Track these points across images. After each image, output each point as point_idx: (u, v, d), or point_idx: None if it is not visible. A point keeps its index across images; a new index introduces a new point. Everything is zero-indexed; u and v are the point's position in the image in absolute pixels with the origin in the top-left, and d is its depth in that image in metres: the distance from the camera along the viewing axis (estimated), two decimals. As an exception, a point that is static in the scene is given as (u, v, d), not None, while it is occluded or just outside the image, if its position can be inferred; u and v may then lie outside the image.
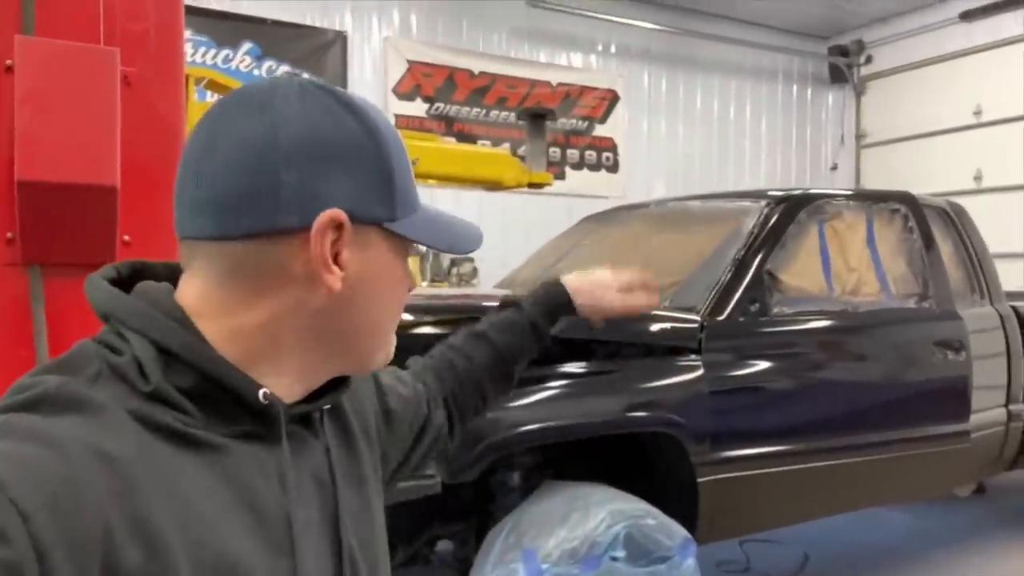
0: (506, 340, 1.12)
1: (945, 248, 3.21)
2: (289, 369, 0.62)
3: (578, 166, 7.62)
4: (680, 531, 2.12)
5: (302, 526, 0.60)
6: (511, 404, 2.14)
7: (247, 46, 6.29)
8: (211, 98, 3.48)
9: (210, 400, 0.57)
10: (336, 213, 0.59)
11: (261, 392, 0.58)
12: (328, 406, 0.68)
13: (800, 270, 2.76)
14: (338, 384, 0.68)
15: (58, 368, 0.56)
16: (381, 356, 0.68)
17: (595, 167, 7.72)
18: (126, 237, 1.20)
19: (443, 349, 1.10)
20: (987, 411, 3.12)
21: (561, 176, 7.44)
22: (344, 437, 0.74)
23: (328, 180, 0.59)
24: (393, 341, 0.69)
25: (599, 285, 1.22)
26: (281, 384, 0.62)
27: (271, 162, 0.58)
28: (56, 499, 0.47)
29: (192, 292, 0.60)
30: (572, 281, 1.21)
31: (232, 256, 0.59)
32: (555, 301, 1.19)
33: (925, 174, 7.53)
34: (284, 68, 6.42)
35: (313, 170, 0.59)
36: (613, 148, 7.80)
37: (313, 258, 0.59)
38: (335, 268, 0.60)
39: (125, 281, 0.63)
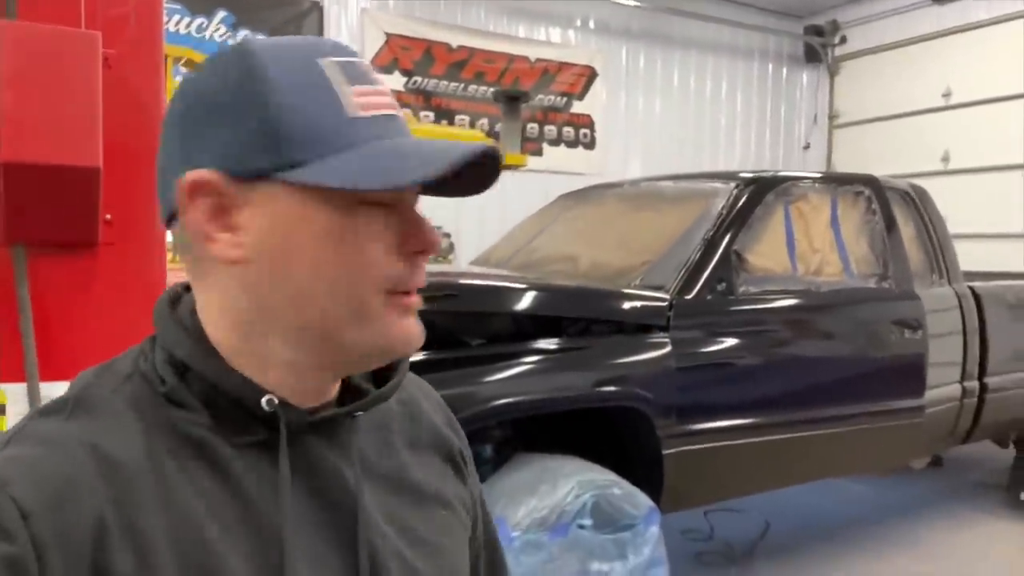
0: None
1: (907, 230, 3.31)
2: (276, 364, 0.57)
3: (555, 143, 7.64)
4: (645, 500, 2.21)
5: (306, 549, 0.56)
6: (484, 379, 2.20)
7: (221, 15, 6.19)
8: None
9: (221, 409, 0.55)
10: (196, 175, 0.53)
11: (264, 399, 0.55)
12: (359, 413, 0.60)
13: (766, 250, 2.84)
14: (380, 381, 0.63)
15: (103, 368, 0.57)
16: (359, 340, 0.56)
17: (572, 144, 7.74)
18: (108, 216, 1.23)
19: None
20: (942, 387, 3.25)
21: (538, 153, 7.45)
22: (411, 452, 0.67)
23: (200, 138, 0.54)
24: (386, 319, 0.57)
25: None
26: (282, 384, 0.57)
27: (165, 132, 0.56)
28: (55, 498, 0.48)
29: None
30: None
31: (177, 247, 0.59)
32: None
33: (894, 155, 7.66)
34: (260, 38, 6.34)
35: (187, 136, 0.54)
36: (591, 125, 7.82)
37: (191, 230, 0.54)
38: (220, 235, 0.54)
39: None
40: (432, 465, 0.68)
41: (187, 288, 0.61)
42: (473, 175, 0.58)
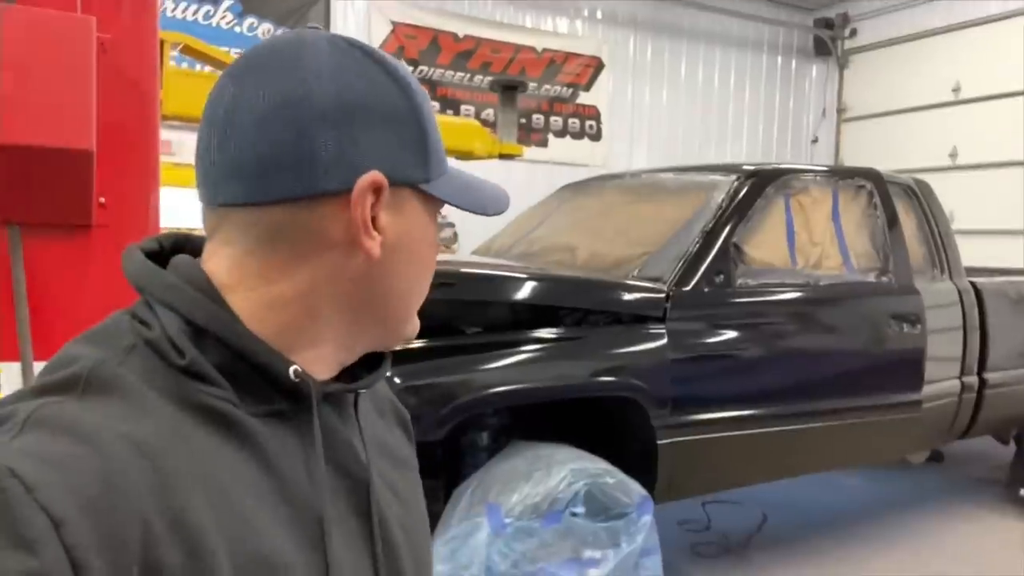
0: None
1: (908, 224, 3.30)
2: (325, 341, 0.59)
3: (561, 134, 7.63)
4: (638, 489, 2.22)
5: (334, 516, 0.57)
6: (481, 367, 2.22)
7: (228, 2, 6.20)
8: (190, 64, 3.47)
9: (240, 377, 0.54)
10: (376, 175, 0.56)
11: (292, 369, 0.55)
12: (365, 388, 0.64)
13: (766, 243, 2.84)
14: (374, 366, 0.65)
15: (93, 339, 0.54)
16: (411, 327, 0.65)
17: (578, 135, 7.73)
18: (102, 199, 1.25)
19: None
20: (941, 382, 3.25)
21: (544, 144, 7.44)
22: (383, 417, 0.72)
23: (366, 140, 0.56)
24: (414, 316, 0.65)
25: None
26: (318, 359, 0.59)
27: (307, 122, 0.54)
28: (93, 501, 0.44)
29: (221, 263, 0.57)
30: None
31: (267, 223, 0.56)
32: None
33: (902, 150, 7.62)
34: (266, 25, 6.34)
35: (351, 130, 0.56)
36: (596, 116, 7.80)
37: (353, 222, 0.56)
38: (374, 232, 0.57)
39: (167, 253, 0.59)
40: (395, 432, 0.74)
41: (164, 247, 0.60)
42: None
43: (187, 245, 0.61)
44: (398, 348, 0.68)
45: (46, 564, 0.42)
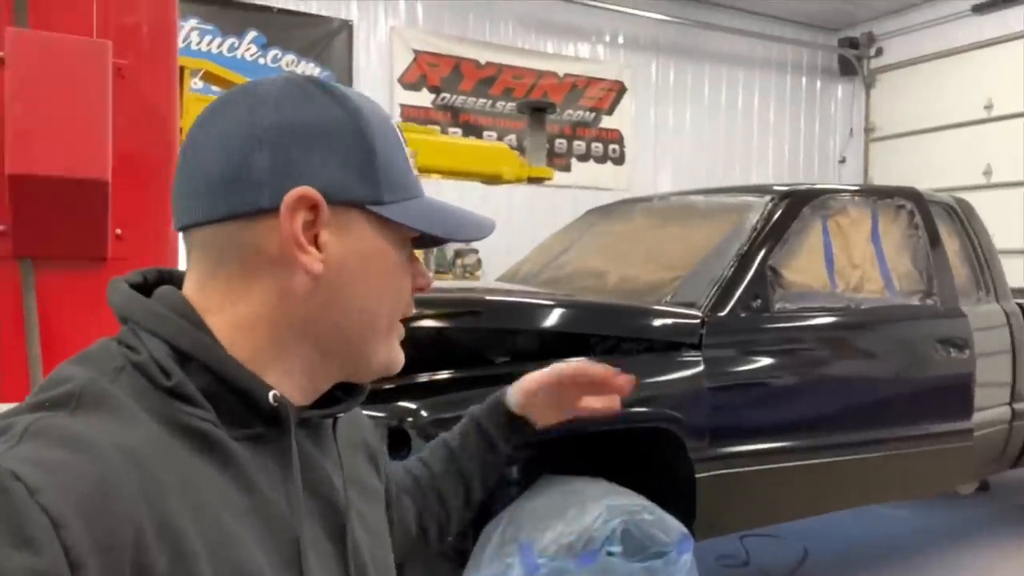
0: (464, 450, 0.98)
1: (951, 245, 3.18)
2: (293, 367, 0.61)
3: (584, 158, 7.59)
4: (677, 526, 2.11)
5: (310, 538, 0.59)
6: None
7: (252, 35, 6.28)
8: (211, 90, 3.48)
9: (221, 401, 0.57)
10: (306, 191, 0.58)
11: (271, 394, 0.57)
12: (342, 413, 0.66)
13: (803, 266, 2.74)
14: (350, 392, 0.67)
15: (83, 361, 0.56)
16: (383, 357, 0.65)
17: (601, 159, 7.68)
18: (118, 231, 1.20)
19: (412, 459, 1.00)
20: (991, 409, 3.10)
21: (567, 168, 7.40)
22: (355, 449, 0.74)
23: (303, 159, 0.58)
24: (396, 345, 0.66)
25: (549, 387, 0.98)
26: (291, 384, 0.61)
27: (249, 143, 0.58)
28: (90, 504, 0.47)
29: (194, 287, 0.60)
30: (518, 391, 0.99)
31: (218, 242, 0.59)
32: (498, 420, 0.99)
33: (934, 169, 7.47)
34: (289, 57, 6.41)
35: (288, 149, 0.58)
36: (620, 140, 7.76)
37: (284, 237, 0.58)
38: (311, 249, 0.59)
39: (151, 286, 0.62)
40: (365, 463, 0.76)
41: (147, 280, 0.63)
42: None
43: (170, 278, 0.64)
44: (382, 380, 0.67)
45: (48, 563, 0.44)
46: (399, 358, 0.67)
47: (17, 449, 0.48)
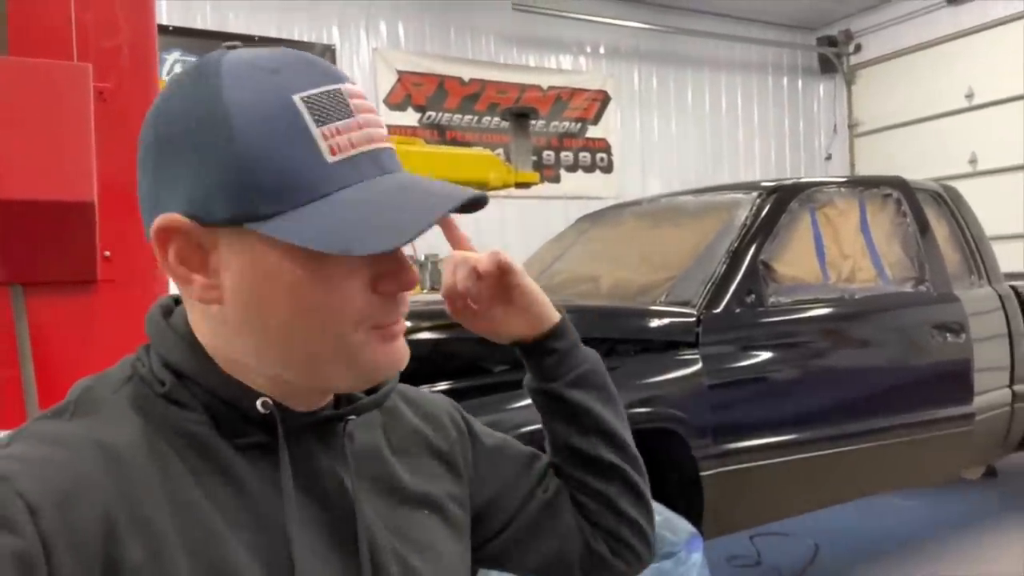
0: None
1: (940, 231, 3.20)
2: (273, 381, 0.57)
3: (572, 168, 7.62)
4: (686, 526, 2.10)
5: (307, 548, 0.56)
6: (511, 405, 2.13)
7: (236, 64, 6.32)
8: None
9: (218, 412, 0.56)
10: (164, 220, 0.52)
11: (260, 401, 0.55)
12: (346, 417, 0.61)
13: (795, 259, 2.75)
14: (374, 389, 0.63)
15: (96, 376, 0.58)
16: (341, 373, 0.56)
17: (589, 168, 7.72)
18: (107, 253, 1.20)
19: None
20: (991, 392, 3.10)
21: (556, 179, 7.43)
22: (397, 458, 0.67)
23: (166, 179, 0.53)
24: (365, 351, 0.56)
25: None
26: (286, 391, 0.57)
27: (139, 170, 0.56)
28: (63, 495, 0.48)
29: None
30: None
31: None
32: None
33: (920, 160, 7.51)
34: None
35: (154, 168, 0.54)
36: (607, 149, 7.80)
37: (167, 270, 0.55)
38: (195, 277, 0.54)
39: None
40: (420, 466, 0.68)
41: (177, 301, 0.62)
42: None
43: None
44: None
45: (27, 545, 0.45)
46: (389, 361, 0.58)
47: (6, 449, 0.50)
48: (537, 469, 0.78)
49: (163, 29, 5.57)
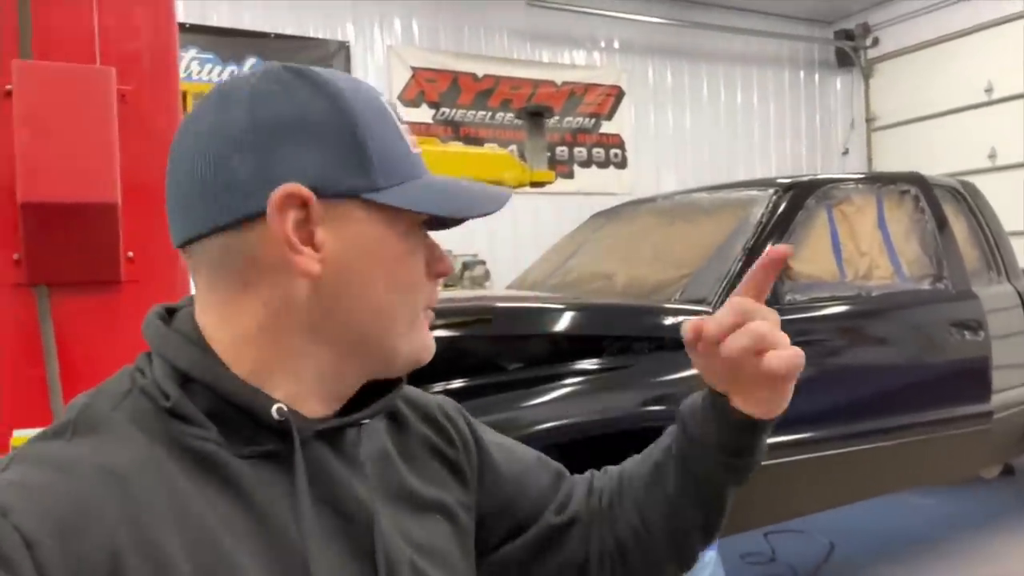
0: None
1: (959, 227, 3.17)
2: (305, 375, 0.58)
3: (586, 164, 7.61)
4: (700, 524, 2.10)
5: (324, 558, 0.55)
6: (525, 403, 2.14)
7: (252, 60, 6.34)
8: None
9: (227, 419, 0.55)
10: (292, 187, 0.54)
11: (275, 408, 0.55)
12: (363, 422, 0.61)
13: (811, 256, 2.74)
14: (381, 393, 0.63)
15: (97, 390, 0.57)
16: (405, 348, 0.61)
17: (603, 164, 7.69)
18: (130, 253, 1.22)
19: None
20: (1010, 390, 3.07)
21: (570, 175, 7.42)
22: (409, 464, 0.67)
23: (285, 156, 0.55)
24: (423, 330, 0.62)
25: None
26: (305, 394, 0.58)
27: (222, 150, 0.55)
28: (63, 525, 0.46)
29: (198, 304, 0.59)
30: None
31: (209, 257, 0.57)
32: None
33: (938, 155, 7.43)
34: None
35: (267, 149, 0.55)
36: (621, 144, 7.77)
37: (277, 240, 0.55)
38: (305, 249, 0.55)
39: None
40: (428, 472, 0.69)
41: (171, 310, 0.62)
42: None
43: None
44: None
45: None
46: (428, 346, 0.63)
47: (4, 474, 0.49)
48: (561, 490, 0.79)
49: (179, 27, 5.61)
